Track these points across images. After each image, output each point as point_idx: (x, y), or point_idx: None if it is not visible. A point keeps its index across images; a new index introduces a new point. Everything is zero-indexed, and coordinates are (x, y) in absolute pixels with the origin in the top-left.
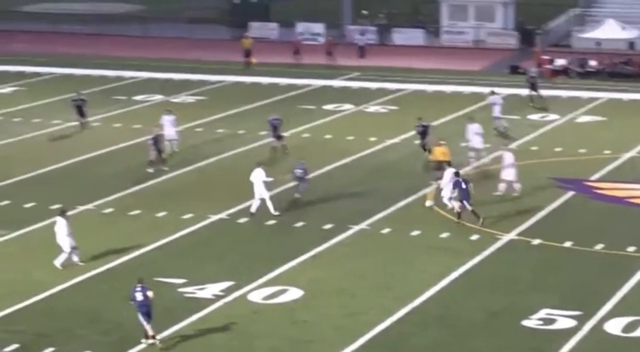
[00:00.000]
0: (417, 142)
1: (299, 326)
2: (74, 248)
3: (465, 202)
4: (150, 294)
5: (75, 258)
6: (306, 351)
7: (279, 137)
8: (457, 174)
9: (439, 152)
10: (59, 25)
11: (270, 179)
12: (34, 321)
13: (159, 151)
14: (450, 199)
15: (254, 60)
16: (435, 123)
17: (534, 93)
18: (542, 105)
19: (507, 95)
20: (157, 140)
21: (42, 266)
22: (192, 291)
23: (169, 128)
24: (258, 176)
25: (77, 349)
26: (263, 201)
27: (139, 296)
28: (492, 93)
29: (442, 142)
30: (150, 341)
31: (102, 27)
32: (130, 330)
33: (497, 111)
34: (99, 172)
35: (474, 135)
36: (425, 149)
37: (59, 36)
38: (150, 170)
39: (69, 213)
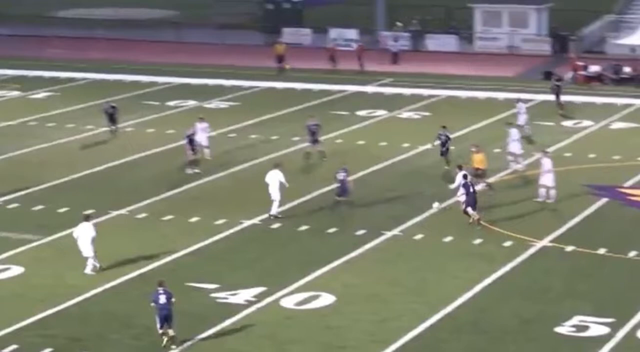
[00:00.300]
0: (437, 144)
1: (331, 331)
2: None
3: (470, 208)
4: (173, 299)
5: (89, 267)
6: None
7: (315, 142)
8: (465, 177)
9: (478, 160)
10: (93, 31)
11: (284, 181)
12: (67, 326)
13: (194, 151)
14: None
15: (287, 66)
16: (468, 129)
17: (558, 100)
18: (563, 112)
19: (541, 102)
20: (192, 141)
21: (75, 271)
22: (225, 296)
23: (201, 135)
24: (274, 177)
25: None
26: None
27: (162, 299)
28: (518, 101)
29: (478, 149)
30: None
31: (136, 33)
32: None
33: (521, 120)
34: (132, 177)
35: (512, 141)
36: (447, 161)
37: (93, 42)
38: (190, 171)
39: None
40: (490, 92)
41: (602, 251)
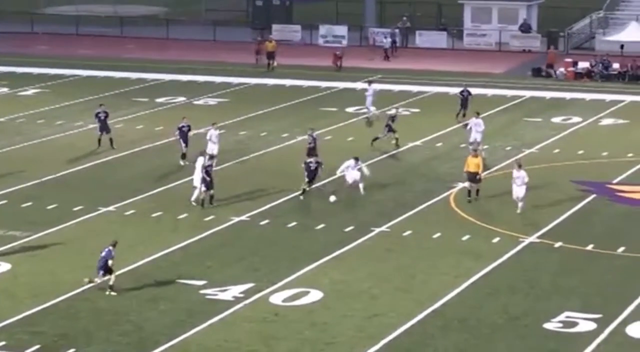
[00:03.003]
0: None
1: (319, 328)
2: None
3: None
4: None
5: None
6: None
7: (393, 131)
8: (357, 159)
9: (473, 164)
10: (82, 28)
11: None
12: (55, 322)
13: (186, 143)
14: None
15: (275, 63)
16: (457, 126)
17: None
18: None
19: (529, 98)
20: (182, 132)
21: (63, 268)
22: (213, 292)
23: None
24: None
25: (98, 350)
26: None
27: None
28: (370, 83)
29: (476, 153)
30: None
31: (125, 29)
32: (150, 332)
33: (368, 102)
34: (121, 174)
35: (477, 132)
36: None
37: (81, 38)
38: (181, 163)
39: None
40: (479, 88)
41: (590, 247)
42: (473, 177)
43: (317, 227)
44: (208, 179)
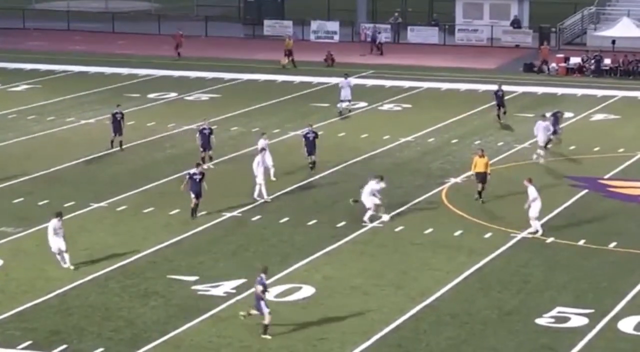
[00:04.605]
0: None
1: (311, 323)
2: (63, 251)
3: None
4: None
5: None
6: (319, 349)
7: (555, 132)
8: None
9: (482, 164)
10: (73, 23)
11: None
12: (47, 318)
13: (204, 148)
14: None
15: (283, 62)
16: (448, 121)
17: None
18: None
19: (521, 94)
20: (203, 135)
21: (55, 264)
22: (205, 288)
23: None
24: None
25: (90, 347)
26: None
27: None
28: (346, 76)
29: (483, 153)
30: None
31: (117, 25)
32: (142, 328)
33: (342, 94)
34: (113, 169)
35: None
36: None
37: (73, 34)
38: (206, 166)
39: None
40: (471, 84)
41: (582, 242)
42: (483, 178)
43: (309, 223)
44: (197, 187)
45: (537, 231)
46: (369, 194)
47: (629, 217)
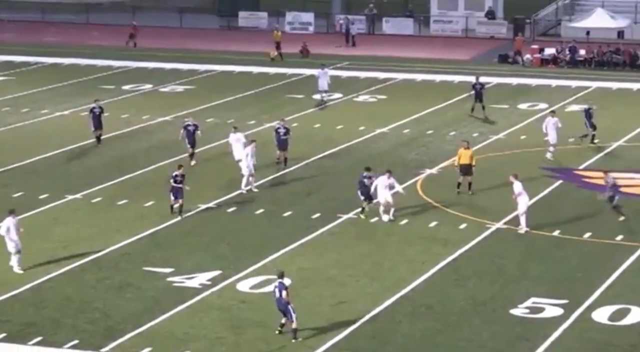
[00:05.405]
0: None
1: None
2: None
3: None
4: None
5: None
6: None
7: (594, 127)
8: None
9: (466, 156)
10: (48, 15)
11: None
12: (21, 311)
13: (191, 145)
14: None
15: (272, 53)
16: (423, 113)
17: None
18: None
19: (496, 85)
20: (188, 132)
21: (29, 256)
22: (180, 280)
23: (236, 146)
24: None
25: (64, 339)
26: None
27: (277, 293)
28: (323, 67)
29: (468, 144)
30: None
31: (91, 16)
32: (117, 320)
33: (321, 85)
34: (87, 161)
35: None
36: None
37: (47, 25)
38: (192, 163)
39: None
40: (446, 75)
41: (556, 232)
42: (467, 170)
43: (284, 214)
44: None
45: (519, 226)
46: (384, 188)
47: (603, 208)
